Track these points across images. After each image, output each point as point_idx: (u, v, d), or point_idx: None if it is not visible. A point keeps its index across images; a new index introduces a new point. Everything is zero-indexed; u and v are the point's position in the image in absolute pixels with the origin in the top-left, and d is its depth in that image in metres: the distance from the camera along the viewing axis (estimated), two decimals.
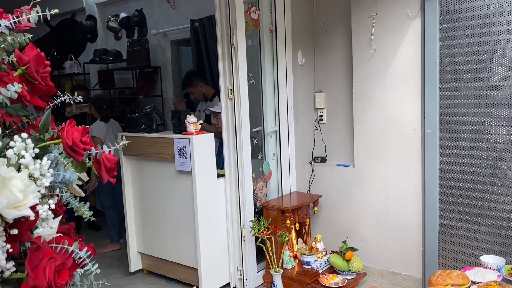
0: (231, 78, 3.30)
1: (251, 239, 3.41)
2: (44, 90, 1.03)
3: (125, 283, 3.77)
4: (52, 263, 0.78)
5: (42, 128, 0.94)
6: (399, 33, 3.26)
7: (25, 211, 0.76)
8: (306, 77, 3.84)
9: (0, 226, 0.75)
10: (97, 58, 5.94)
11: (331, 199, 3.75)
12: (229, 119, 3.38)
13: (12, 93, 0.78)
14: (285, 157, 3.82)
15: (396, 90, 3.32)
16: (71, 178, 0.89)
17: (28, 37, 0.96)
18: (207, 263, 3.33)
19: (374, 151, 3.47)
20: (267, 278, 3.51)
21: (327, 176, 3.77)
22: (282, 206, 3.45)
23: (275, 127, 3.77)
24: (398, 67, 3.30)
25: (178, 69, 5.85)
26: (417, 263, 3.34)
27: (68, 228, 1.00)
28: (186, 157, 3.24)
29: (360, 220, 3.61)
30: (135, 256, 3.88)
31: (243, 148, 3.36)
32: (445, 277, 2.12)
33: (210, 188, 3.35)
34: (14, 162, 0.78)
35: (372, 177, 3.50)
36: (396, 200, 3.40)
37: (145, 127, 3.59)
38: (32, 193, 0.77)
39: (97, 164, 1.05)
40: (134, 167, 3.75)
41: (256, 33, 3.60)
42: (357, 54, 3.48)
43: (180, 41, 5.71)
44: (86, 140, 0.96)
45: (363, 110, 3.49)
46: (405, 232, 3.38)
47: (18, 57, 0.95)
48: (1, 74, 0.89)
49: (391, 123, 3.37)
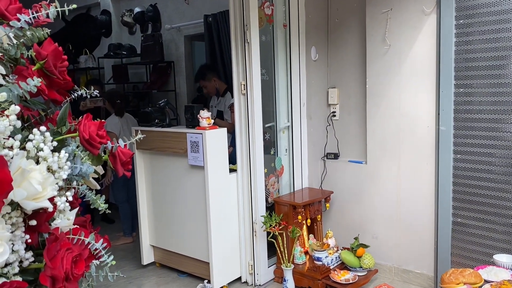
0: (244, 73, 3.31)
1: (262, 234, 3.42)
2: (62, 84, 1.04)
3: (137, 276, 3.82)
4: (69, 253, 0.80)
5: (60, 122, 0.96)
6: (414, 29, 3.23)
7: (44, 203, 0.77)
8: (319, 73, 3.82)
9: (20, 217, 0.77)
10: (111, 53, 6.00)
11: (343, 196, 3.74)
12: (241, 114, 3.39)
13: (31, 87, 0.80)
14: (297, 153, 3.82)
15: (410, 87, 3.29)
16: (87, 171, 0.90)
17: (47, 32, 0.97)
18: (219, 257, 3.35)
19: (387, 148, 3.45)
20: (278, 273, 3.52)
21: (339, 173, 3.76)
22: (294, 202, 3.45)
23: (287, 122, 3.77)
24: (412, 64, 3.27)
25: (191, 64, 5.87)
26: (429, 260, 3.32)
27: (84, 220, 1.02)
28: (198, 152, 3.26)
29: (372, 216, 3.60)
30: (148, 249, 3.92)
31: (256, 143, 3.36)
32: (458, 275, 2.11)
33: (222, 183, 3.37)
34: (33, 154, 0.80)
35: (385, 174, 3.49)
36: (408, 197, 3.38)
37: (159, 122, 3.61)
38: (50, 185, 0.78)
39: (112, 157, 1.07)
40: (148, 161, 3.79)
41: (270, 28, 3.59)
42: (371, 50, 3.46)
43: (193, 36, 5.73)
44: (103, 133, 0.97)
45: (376, 106, 3.47)
46: (417, 230, 3.36)
47: (37, 51, 0.97)
48: (21, 68, 0.91)
49: (405, 120, 3.34)
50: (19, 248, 0.78)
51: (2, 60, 0.90)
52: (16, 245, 0.77)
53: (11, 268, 0.79)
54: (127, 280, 3.73)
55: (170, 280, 3.69)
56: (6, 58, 0.90)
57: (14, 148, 0.74)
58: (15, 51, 0.88)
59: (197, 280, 3.56)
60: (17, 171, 0.74)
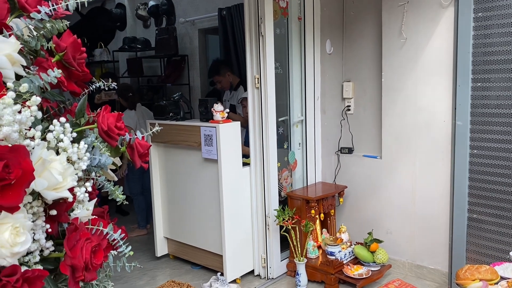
0: (258, 67, 3.30)
1: (275, 228, 3.43)
2: (80, 76, 1.05)
3: (151, 267, 3.86)
4: (88, 243, 0.81)
5: (79, 114, 0.97)
6: (431, 22, 3.18)
7: (64, 193, 0.78)
8: (334, 66, 3.79)
9: (40, 206, 0.78)
10: (126, 46, 6.03)
11: (357, 190, 3.72)
12: (255, 108, 3.38)
13: (52, 78, 0.81)
14: (311, 147, 3.80)
15: (427, 81, 3.25)
16: (106, 162, 0.91)
17: (66, 24, 0.98)
18: (232, 250, 3.37)
19: (403, 143, 3.42)
20: (290, 267, 3.53)
21: (353, 167, 3.74)
22: (307, 196, 3.45)
23: (301, 116, 3.76)
24: (429, 57, 3.22)
25: (205, 57, 5.88)
26: (444, 256, 3.29)
27: (102, 211, 1.04)
28: (212, 145, 3.27)
29: (386, 211, 3.57)
30: (161, 241, 3.95)
31: (269, 137, 3.36)
32: (474, 272, 2.09)
33: (236, 177, 3.37)
34: (53, 145, 0.81)
35: (400, 169, 3.46)
36: (423, 192, 3.35)
37: (173, 115, 3.63)
38: (70, 175, 0.79)
39: (130, 149, 1.08)
40: (162, 154, 3.81)
41: (284, 21, 3.57)
42: (387, 43, 3.42)
43: (207, 29, 5.73)
44: (121, 125, 0.98)
45: (392, 100, 3.44)
46: (432, 225, 3.33)
47: (56, 43, 0.98)
48: (41, 60, 0.92)
49: (421, 114, 3.30)
50: (40, 237, 0.79)
51: (23, 52, 0.91)
52: (37, 234, 0.79)
53: (32, 256, 0.80)
54: (141, 271, 3.77)
55: (184, 272, 3.72)
56: (26, 50, 0.91)
57: (35, 139, 0.75)
58: (35, 43, 0.89)
59: (210, 273, 3.58)
60: (38, 161, 0.75)
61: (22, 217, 0.72)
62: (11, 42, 0.80)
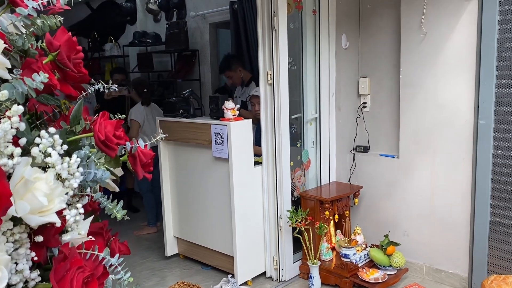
0: (271, 62, 3.18)
1: (288, 229, 3.32)
2: (77, 78, 0.95)
3: (161, 267, 3.78)
4: (80, 273, 0.71)
5: (73, 120, 0.86)
6: (453, 16, 3.03)
7: (50, 217, 0.68)
8: (349, 62, 3.66)
9: (24, 232, 0.68)
10: (136, 41, 5.94)
11: (373, 191, 3.59)
12: (267, 105, 3.27)
13: (37, 84, 0.71)
14: (325, 146, 3.68)
15: (448, 77, 3.11)
16: (103, 177, 0.81)
17: (59, 20, 0.87)
18: (243, 252, 3.27)
19: (421, 142, 3.28)
20: (303, 269, 3.42)
21: (369, 167, 3.61)
22: (321, 197, 3.33)
23: (315, 114, 3.63)
24: (450, 53, 3.07)
25: (216, 52, 5.76)
26: (464, 261, 3.15)
27: (101, 227, 0.93)
28: (223, 144, 3.17)
29: (403, 213, 3.44)
30: (171, 240, 3.88)
31: (282, 135, 3.24)
32: (500, 282, 1.96)
33: (247, 176, 3.27)
34: (40, 161, 0.71)
35: (418, 169, 3.32)
36: (443, 193, 3.21)
37: (183, 112, 3.53)
38: (58, 196, 0.69)
39: (132, 158, 0.98)
40: (172, 152, 3.72)
41: (298, 15, 3.44)
42: (406, 38, 3.27)
43: (219, 23, 5.61)
44: (120, 134, 0.87)
45: (410, 97, 3.30)
46: (452, 228, 3.20)
47: (48, 42, 0.87)
48: (30, 61, 0.82)
49: (441, 112, 3.16)
50: (24, 267, 0.69)
51: (10, 51, 0.80)
52: (20, 264, 0.69)
53: None
54: (151, 271, 3.70)
55: (194, 273, 3.64)
56: (14, 50, 0.81)
57: (14, 157, 0.64)
58: (22, 41, 0.78)
59: (221, 274, 3.50)
60: (20, 181, 0.65)
61: None
62: None
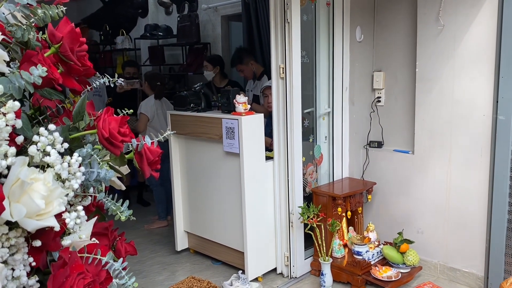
0: (283, 55, 3.12)
1: (299, 225, 3.27)
2: (81, 71, 0.91)
3: (171, 262, 3.77)
4: (81, 280, 0.67)
5: (76, 116, 0.82)
6: (472, 8, 2.93)
7: (48, 221, 0.64)
8: (364, 55, 3.57)
9: (20, 237, 0.64)
10: (147, 34, 5.91)
11: (386, 187, 3.52)
12: (279, 99, 3.21)
13: (35, 78, 0.66)
14: (337, 141, 3.61)
15: (466, 71, 3.01)
16: (106, 176, 0.76)
17: (62, 10, 0.83)
18: (253, 247, 3.24)
19: (437, 137, 3.20)
20: (315, 266, 3.37)
21: (383, 162, 3.54)
22: (333, 193, 3.27)
23: (328, 108, 3.56)
24: (469, 46, 2.98)
25: (228, 45, 5.69)
26: (480, 259, 3.08)
27: (106, 228, 0.89)
28: (234, 138, 3.12)
29: (417, 210, 3.37)
30: (182, 235, 3.85)
31: (294, 130, 3.18)
32: None
33: (258, 171, 3.22)
34: (38, 160, 0.66)
35: (433, 165, 3.24)
36: (459, 190, 3.13)
37: (194, 106, 3.49)
38: (57, 198, 0.65)
39: (138, 156, 0.93)
40: (183, 146, 3.69)
41: (312, 7, 3.36)
42: (422, 30, 3.18)
43: (230, 16, 5.54)
44: (125, 131, 0.83)
45: (426, 92, 3.21)
46: (468, 226, 3.12)
47: (51, 33, 0.83)
48: (30, 53, 0.78)
49: (458, 107, 3.07)
50: (21, 274, 0.65)
51: (10, 43, 0.76)
52: (17, 270, 0.65)
53: None
54: (161, 266, 3.69)
55: (204, 268, 3.62)
56: (14, 41, 0.77)
57: (8, 157, 0.60)
58: (21, 33, 0.74)
59: (232, 269, 3.46)
60: (16, 182, 0.61)
61: None
62: None
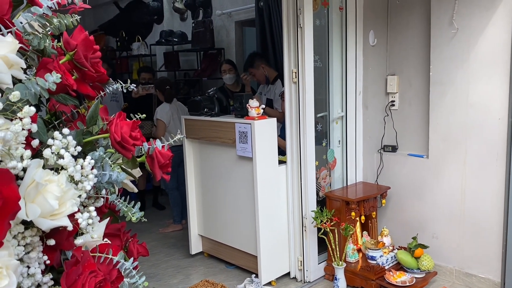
0: (296, 60, 3.13)
1: (312, 229, 3.27)
2: (95, 78, 0.94)
3: (185, 265, 3.80)
4: (92, 278, 0.70)
5: (90, 121, 0.85)
6: (486, 11, 2.90)
7: (62, 221, 0.67)
8: (377, 59, 3.57)
9: (36, 236, 0.67)
10: (163, 40, 5.99)
11: (401, 191, 3.50)
12: (292, 104, 3.22)
13: (50, 84, 0.69)
14: (351, 145, 3.61)
15: (480, 75, 2.99)
16: (118, 178, 0.79)
17: (76, 19, 0.86)
18: (267, 252, 3.25)
19: (452, 141, 3.17)
20: (328, 271, 3.36)
21: (397, 167, 3.52)
22: (347, 197, 3.26)
23: (341, 112, 3.56)
24: (483, 49, 2.95)
25: (241, 50, 5.74)
26: (496, 265, 3.03)
27: (118, 229, 0.92)
28: (247, 143, 3.14)
29: (432, 215, 3.34)
30: (196, 238, 3.89)
31: (307, 134, 3.19)
32: None
33: (271, 175, 3.24)
34: (53, 162, 0.69)
35: (448, 170, 3.21)
36: (474, 195, 3.10)
37: (207, 111, 3.53)
38: (70, 199, 0.68)
39: (150, 159, 0.96)
40: (197, 150, 3.73)
41: (325, 11, 3.38)
42: (436, 34, 3.16)
43: (244, 21, 5.58)
44: (137, 135, 0.86)
45: (441, 95, 3.19)
46: (483, 231, 3.08)
47: (66, 41, 0.86)
48: (46, 61, 0.81)
49: (473, 111, 3.04)
50: (35, 271, 0.68)
51: (27, 51, 0.80)
52: (32, 268, 0.68)
53: None
54: (176, 269, 3.72)
55: (218, 271, 3.64)
56: (31, 49, 0.80)
57: (24, 159, 0.63)
58: (38, 41, 0.78)
59: (245, 273, 3.48)
60: (32, 184, 0.64)
61: (6, 255, 0.60)
62: (8, 42, 0.69)
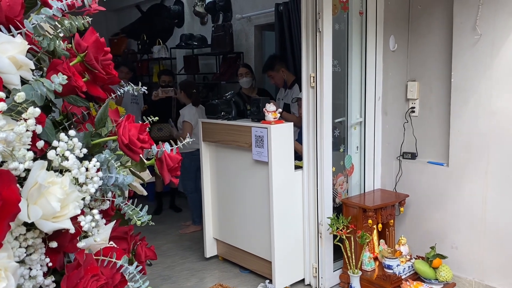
0: (314, 65, 3.11)
1: (328, 236, 3.23)
2: (106, 80, 0.94)
3: (200, 268, 3.79)
4: (94, 281, 0.69)
5: (99, 123, 0.85)
6: (511, 16, 2.83)
7: (64, 223, 0.66)
8: (397, 64, 3.51)
9: (38, 238, 0.67)
10: (183, 43, 6.03)
11: (419, 200, 3.42)
12: (309, 109, 3.19)
13: (56, 86, 0.69)
14: (369, 151, 3.55)
15: (504, 82, 2.90)
16: (125, 181, 0.78)
17: (88, 21, 0.86)
18: (281, 257, 3.22)
19: (474, 149, 3.09)
20: (344, 278, 3.31)
21: (416, 174, 3.44)
22: (364, 205, 3.21)
23: (360, 118, 3.51)
24: (507, 55, 2.87)
25: (260, 54, 5.73)
26: None
27: (125, 232, 0.91)
28: (263, 147, 3.13)
29: (452, 224, 3.26)
30: (211, 242, 3.88)
31: (324, 139, 3.16)
32: None
33: (287, 180, 3.21)
34: (57, 164, 0.69)
35: (470, 179, 3.13)
36: (496, 205, 3.01)
37: (225, 114, 3.53)
38: (73, 202, 0.67)
39: (159, 162, 0.95)
40: (213, 153, 3.73)
41: (344, 16, 3.34)
42: (458, 39, 3.09)
43: (263, 25, 5.58)
44: (145, 138, 0.85)
45: (462, 102, 3.11)
46: (505, 242, 2.98)
47: (77, 43, 0.86)
48: (56, 62, 0.81)
49: (496, 119, 2.96)
50: (37, 273, 0.68)
51: (38, 52, 0.80)
52: (34, 270, 0.67)
53: None
54: (190, 272, 3.72)
55: (232, 276, 3.62)
56: (42, 51, 0.80)
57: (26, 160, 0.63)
58: (47, 42, 0.78)
59: (259, 278, 3.46)
60: (35, 185, 0.63)
61: (5, 257, 0.60)
62: (17, 43, 0.69)
